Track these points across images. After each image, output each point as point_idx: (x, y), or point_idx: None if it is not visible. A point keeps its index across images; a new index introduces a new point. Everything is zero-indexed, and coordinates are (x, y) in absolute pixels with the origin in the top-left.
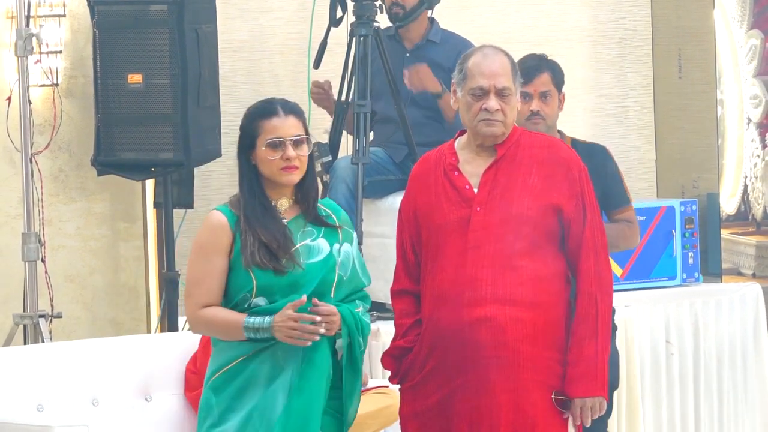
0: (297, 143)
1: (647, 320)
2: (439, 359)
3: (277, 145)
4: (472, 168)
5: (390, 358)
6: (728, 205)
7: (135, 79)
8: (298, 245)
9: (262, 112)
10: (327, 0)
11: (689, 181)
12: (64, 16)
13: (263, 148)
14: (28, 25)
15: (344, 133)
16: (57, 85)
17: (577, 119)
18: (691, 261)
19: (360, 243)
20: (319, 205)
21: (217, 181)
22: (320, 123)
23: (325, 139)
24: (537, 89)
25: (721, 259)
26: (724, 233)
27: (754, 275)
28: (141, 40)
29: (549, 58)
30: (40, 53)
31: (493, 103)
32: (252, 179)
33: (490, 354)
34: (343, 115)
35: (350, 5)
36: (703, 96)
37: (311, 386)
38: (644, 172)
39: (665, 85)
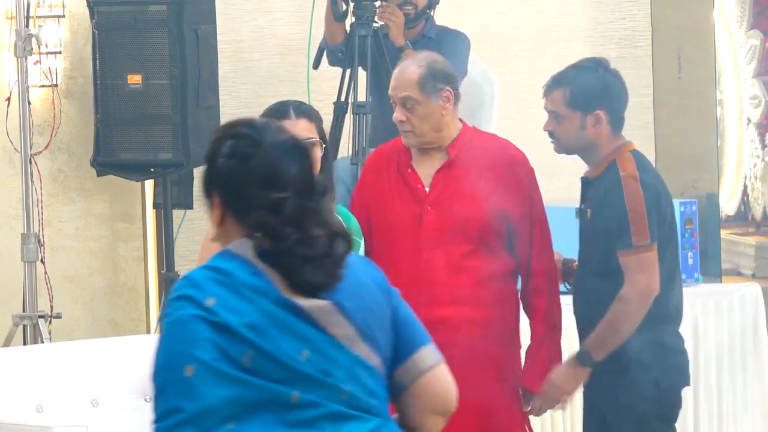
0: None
1: None
2: None
3: None
4: (425, 167)
5: None
6: (728, 205)
7: (134, 79)
8: None
9: (273, 113)
10: (326, 0)
11: (689, 182)
12: (64, 16)
13: None
14: (27, 25)
15: (343, 133)
16: (56, 85)
17: None
18: (690, 261)
19: None
20: None
21: None
22: None
23: None
24: (546, 108)
25: (720, 260)
26: (724, 234)
27: (753, 276)
28: (140, 41)
29: (588, 65)
30: (40, 54)
31: (396, 113)
32: None
33: (446, 353)
34: (343, 116)
35: (350, 5)
36: (703, 96)
37: None
38: None
39: (665, 86)
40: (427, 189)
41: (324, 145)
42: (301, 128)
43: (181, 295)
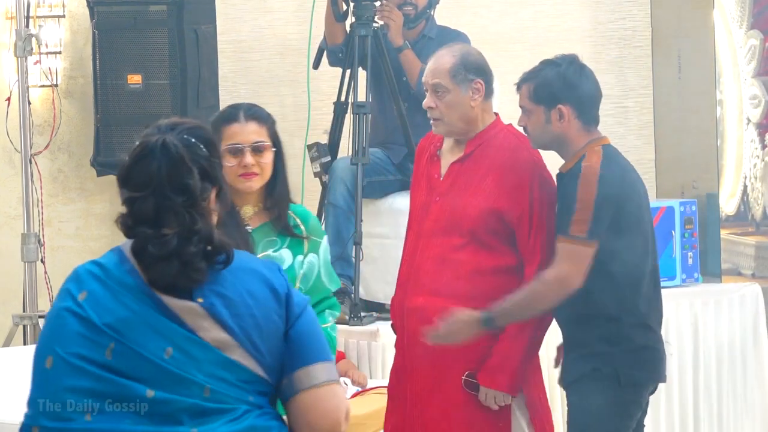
0: (257, 150)
1: None
2: (399, 336)
3: (235, 151)
4: (448, 157)
5: (391, 313)
6: (728, 205)
7: (134, 79)
8: (259, 255)
9: (224, 117)
10: (326, 0)
11: (689, 182)
12: (64, 16)
13: (224, 154)
14: (27, 25)
15: (343, 133)
16: (56, 85)
17: None
18: (690, 261)
19: (359, 243)
20: (289, 212)
21: None
22: (320, 123)
23: (324, 139)
24: (519, 103)
25: (720, 260)
26: (724, 233)
27: (753, 275)
28: (140, 41)
29: (554, 61)
30: (40, 54)
31: (427, 99)
32: None
33: (417, 342)
34: (343, 116)
35: (350, 6)
36: (703, 96)
37: None
38: (644, 173)
39: (665, 86)
40: (441, 179)
41: (275, 149)
42: (250, 131)
43: (64, 288)
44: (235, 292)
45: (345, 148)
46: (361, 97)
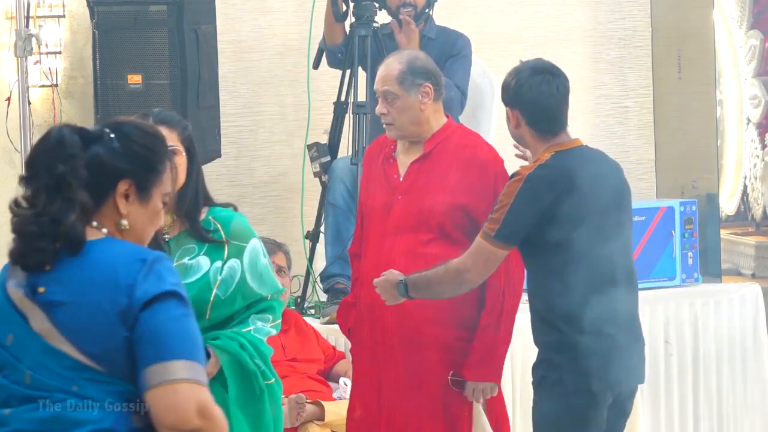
0: None
1: (647, 320)
2: (362, 335)
3: None
4: (405, 158)
5: (340, 314)
6: (728, 205)
7: (134, 79)
8: (173, 264)
9: None
10: (326, 0)
11: (689, 182)
12: (64, 16)
13: None
14: (27, 25)
15: (343, 133)
16: (56, 85)
17: (576, 120)
18: (690, 261)
19: None
20: (209, 217)
21: (216, 181)
22: (320, 123)
23: (324, 139)
24: None
25: (720, 260)
26: (724, 233)
27: (753, 275)
28: (140, 41)
29: (519, 66)
30: (40, 54)
31: (378, 106)
32: None
33: (395, 335)
34: (343, 116)
35: (350, 6)
36: (703, 96)
37: None
38: (643, 173)
39: (665, 86)
40: (401, 179)
41: (187, 153)
42: None
43: None
44: (74, 282)
45: (345, 148)
46: (361, 97)
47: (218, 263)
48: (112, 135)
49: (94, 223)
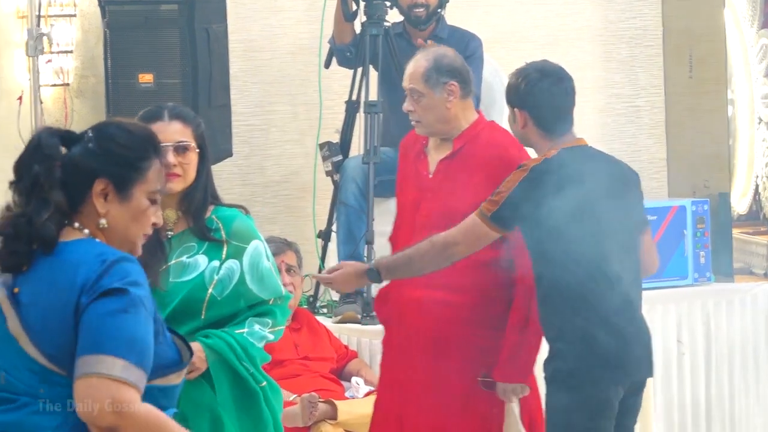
0: (180, 150)
1: (659, 320)
2: (391, 329)
3: None
4: (435, 155)
5: (377, 303)
6: (739, 204)
7: (146, 78)
8: (171, 262)
9: (148, 115)
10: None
11: (700, 181)
12: (75, 15)
13: None
14: (39, 24)
15: (355, 132)
16: (68, 84)
17: (587, 119)
18: (702, 260)
19: (371, 242)
20: (212, 216)
21: (227, 180)
22: (331, 122)
23: (336, 138)
24: None
25: (732, 259)
26: (736, 233)
27: (765, 275)
28: (152, 40)
29: (525, 66)
30: (51, 53)
31: (405, 104)
32: None
33: (417, 333)
34: (354, 115)
35: (361, 5)
36: (714, 95)
37: (194, 427)
38: (655, 172)
39: (676, 85)
40: (430, 176)
41: (199, 150)
42: (173, 131)
43: None
44: (41, 283)
45: (356, 147)
46: (373, 96)
47: (215, 263)
48: (91, 135)
49: (76, 224)
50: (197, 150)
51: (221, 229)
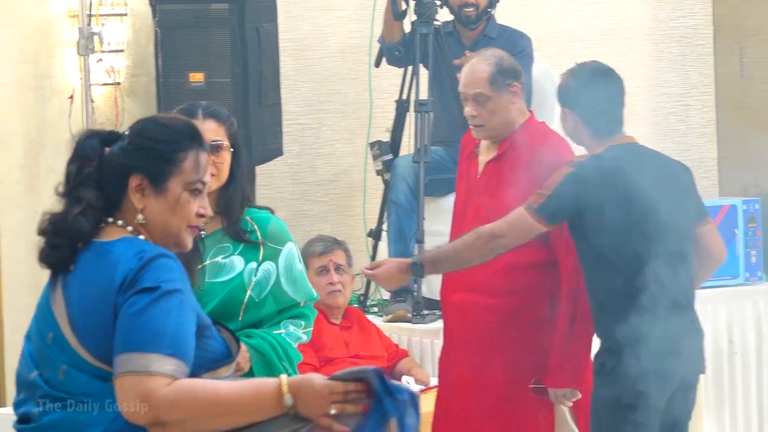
0: (214, 149)
1: (710, 319)
2: (445, 329)
3: None
4: (484, 156)
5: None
6: None
7: (196, 77)
8: (207, 262)
9: (182, 113)
10: None
11: (751, 180)
12: (126, 15)
13: None
14: (90, 23)
15: (405, 131)
16: (119, 83)
17: (638, 118)
18: (753, 260)
19: (422, 241)
20: (247, 217)
21: (278, 179)
22: (381, 121)
23: (386, 137)
24: None
25: None
26: None
27: None
28: (202, 39)
29: (575, 67)
30: (102, 52)
31: (468, 109)
32: None
33: (458, 336)
34: (404, 114)
35: (411, 4)
36: (765, 94)
37: None
38: (706, 171)
39: (727, 84)
40: (478, 176)
41: (233, 149)
42: (207, 129)
43: None
44: (85, 283)
45: (407, 146)
46: (423, 95)
47: (253, 264)
48: (127, 133)
49: (119, 222)
50: (231, 149)
51: (257, 230)
